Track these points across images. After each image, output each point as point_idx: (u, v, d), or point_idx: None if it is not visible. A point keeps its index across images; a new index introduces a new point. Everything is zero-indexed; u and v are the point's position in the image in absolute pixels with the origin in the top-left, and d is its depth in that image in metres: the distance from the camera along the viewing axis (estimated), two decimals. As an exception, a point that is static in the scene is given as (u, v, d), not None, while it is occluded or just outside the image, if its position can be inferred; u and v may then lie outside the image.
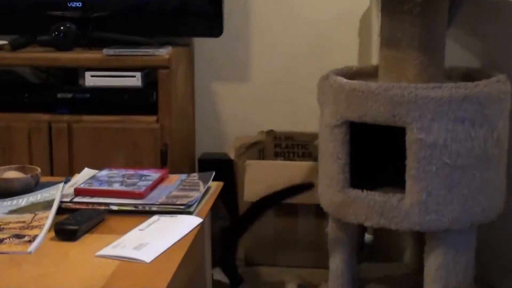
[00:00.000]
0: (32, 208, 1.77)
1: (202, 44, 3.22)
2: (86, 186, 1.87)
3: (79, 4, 2.98)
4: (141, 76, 2.79)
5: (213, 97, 3.28)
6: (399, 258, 2.91)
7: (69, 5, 2.98)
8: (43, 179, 1.98)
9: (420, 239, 2.56)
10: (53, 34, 2.88)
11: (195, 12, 3.03)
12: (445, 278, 2.33)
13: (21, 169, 1.97)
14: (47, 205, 1.77)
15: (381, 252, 2.98)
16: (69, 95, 2.85)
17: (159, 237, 1.60)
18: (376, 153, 2.56)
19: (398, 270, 2.77)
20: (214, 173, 1.99)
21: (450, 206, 2.27)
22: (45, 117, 2.86)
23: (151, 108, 2.83)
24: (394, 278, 2.68)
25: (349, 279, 2.52)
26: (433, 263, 2.34)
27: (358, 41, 3.14)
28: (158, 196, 1.83)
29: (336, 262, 2.51)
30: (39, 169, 1.97)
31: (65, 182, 1.93)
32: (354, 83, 2.34)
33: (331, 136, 2.41)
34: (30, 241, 1.58)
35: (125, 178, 1.92)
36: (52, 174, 2.80)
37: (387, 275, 2.71)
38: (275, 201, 2.74)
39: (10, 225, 1.67)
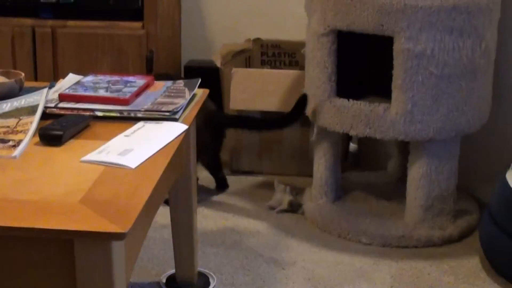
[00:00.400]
0: (16, 113, 1.76)
1: (188, -51, 3.16)
2: (71, 92, 1.85)
3: None
4: (126, -20, 2.75)
5: (200, 4, 3.23)
6: (383, 167, 2.94)
7: None
8: (27, 84, 1.96)
9: (404, 148, 2.58)
10: None
11: None
12: (428, 187, 2.36)
13: (5, 74, 1.95)
14: (31, 110, 1.76)
15: (365, 161, 3.00)
16: (53, 0, 2.80)
17: (144, 144, 1.60)
18: (363, 63, 2.55)
19: (382, 178, 2.80)
20: (200, 80, 1.98)
21: (435, 116, 2.28)
22: (29, 21, 2.81)
23: (137, 14, 2.79)
24: (377, 186, 2.71)
25: (333, 186, 2.55)
26: (416, 172, 2.36)
27: None
28: (144, 102, 1.82)
29: (321, 170, 2.54)
30: (23, 74, 1.95)
31: (50, 88, 1.91)
32: (343, -10, 2.31)
33: (318, 44, 2.39)
34: (14, 146, 1.57)
35: (110, 84, 1.90)
36: (36, 80, 2.79)
37: (371, 183, 2.74)
38: (282, 124, 2.66)
39: (-6, 130, 1.66)
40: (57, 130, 1.62)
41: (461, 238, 2.43)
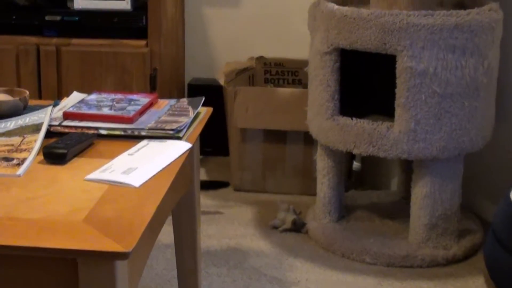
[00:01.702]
0: (20, 131, 1.76)
1: (192, -32, 3.17)
2: (75, 110, 1.86)
3: None
4: (130, -1, 2.76)
5: (204, 22, 3.24)
6: (386, 186, 2.93)
7: None
8: (32, 102, 1.96)
9: (408, 167, 2.58)
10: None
11: None
12: (431, 206, 2.35)
13: (9, 92, 1.96)
14: (36, 128, 1.76)
15: (368, 180, 3.00)
16: (58, 18, 2.81)
17: (148, 162, 1.60)
18: (366, 81, 2.56)
19: (385, 197, 2.79)
20: (203, 99, 1.98)
21: (438, 135, 2.28)
22: (33, 39, 2.82)
23: (141, 32, 2.80)
24: (381, 205, 2.71)
25: (336, 205, 2.54)
26: (420, 191, 2.36)
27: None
28: (147, 121, 1.82)
29: (324, 189, 2.53)
30: (27, 92, 1.95)
31: (54, 106, 1.92)
32: (345, 9, 2.31)
33: (321, 63, 2.39)
34: (19, 164, 1.57)
35: (114, 103, 1.91)
36: (40, 98, 2.79)
37: (374, 203, 2.73)
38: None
39: (-1, 148, 1.67)
40: (61, 148, 1.62)
41: (466, 258, 2.42)
